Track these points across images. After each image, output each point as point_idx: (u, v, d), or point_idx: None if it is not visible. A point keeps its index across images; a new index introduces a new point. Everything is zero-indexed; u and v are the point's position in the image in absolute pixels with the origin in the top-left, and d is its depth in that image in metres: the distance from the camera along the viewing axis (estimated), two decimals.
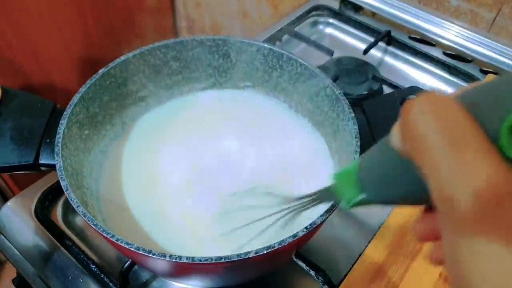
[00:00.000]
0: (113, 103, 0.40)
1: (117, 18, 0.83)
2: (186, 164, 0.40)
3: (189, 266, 0.28)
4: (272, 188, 0.33)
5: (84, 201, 0.33)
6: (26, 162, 0.33)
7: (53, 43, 0.74)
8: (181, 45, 0.41)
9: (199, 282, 0.37)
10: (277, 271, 0.39)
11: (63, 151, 0.32)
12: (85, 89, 0.36)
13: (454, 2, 0.58)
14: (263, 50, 0.41)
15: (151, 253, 0.26)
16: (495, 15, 0.55)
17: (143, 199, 0.37)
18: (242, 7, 0.85)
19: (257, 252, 0.26)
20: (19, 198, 0.44)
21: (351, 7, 0.68)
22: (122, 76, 0.39)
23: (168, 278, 0.39)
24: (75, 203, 0.29)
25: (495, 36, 0.57)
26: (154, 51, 0.40)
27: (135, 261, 0.36)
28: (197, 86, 0.45)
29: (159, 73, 0.42)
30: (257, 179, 0.39)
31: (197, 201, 0.37)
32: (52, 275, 0.39)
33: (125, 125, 0.43)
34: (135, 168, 0.40)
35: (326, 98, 0.38)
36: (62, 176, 0.30)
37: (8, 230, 0.43)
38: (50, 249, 0.40)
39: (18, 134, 0.34)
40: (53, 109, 0.36)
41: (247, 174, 0.39)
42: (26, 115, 0.35)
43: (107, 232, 0.27)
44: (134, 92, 0.42)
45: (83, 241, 0.41)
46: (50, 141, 0.34)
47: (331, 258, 0.40)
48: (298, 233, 0.27)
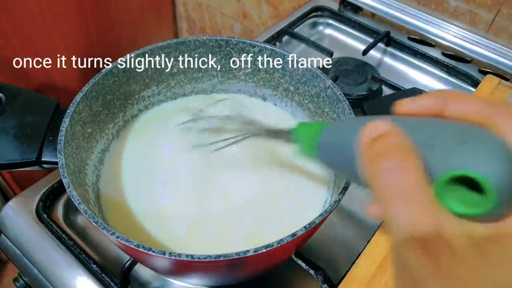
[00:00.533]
0: (116, 102, 0.40)
1: (117, 19, 0.84)
2: (186, 163, 0.40)
3: (189, 263, 0.28)
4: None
5: (85, 199, 0.33)
6: (29, 159, 0.33)
7: (54, 43, 0.74)
8: (184, 45, 0.41)
9: (199, 281, 0.37)
10: (276, 270, 0.39)
11: (66, 149, 0.32)
12: (88, 87, 0.36)
13: (453, 2, 0.59)
14: (265, 51, 0.41)
15: (151, 251, 0.26)
16: (494, 15, 0.56)
17: (143, 197, 0.37)
18: (242, 8, 0.85)
19: (256, 251, 0.26)
20: (21, 198, 0.44)
21: (350, 8, 0.68)
22: (125, 75, 0.40)
23: (168, 276, 0.39)
24: (76, 201, 0.29)
25: (494, 36, 0.57)
26: (157, 51, 0.40)
27: (135, 258, 0.36)
28: (199, 86, 0.45)
29: (161, 73, 0.42)
30: (256, 179, 0.39)
31: (197, 199, 0.37)
32: (53, 274, 0.40)
33: (127, 123, 0.43)
34: (135, 167, 0.40)
35: (327, 98, 0.38)
36: (64, 174, 0.30)
37: (9, 230, 0.43)
38: (51, 249, 0.40)
39: (21, 131, 0.34)
40: (56, 107, 0.36)
41: (247, 171, 0.39)
42: (29, 113, 0.36)
43: (108, 230, 0.28)
44: (137, 91, 0.42)
45: (84, 240, 0.42)
46: (53, 138, 0.34)
47: (331, 257, 0.40)
48: (297, 232, 0.27)
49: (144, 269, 0.40)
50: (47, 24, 0.72)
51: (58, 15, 0.73)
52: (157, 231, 0.35)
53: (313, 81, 0.39)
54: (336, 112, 0.37)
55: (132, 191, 0.38)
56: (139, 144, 0.42)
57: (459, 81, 0.57)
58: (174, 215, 0.36)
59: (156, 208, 0.37)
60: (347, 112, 0.35)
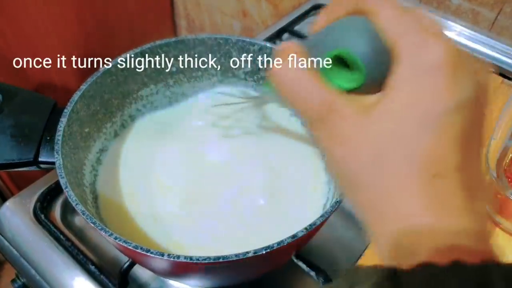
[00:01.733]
0: (114, 101, 0.40)
1: (116, 17, 0.83)
2: (184, 164, 0.40)
3: (187, 265, 0.27)
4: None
5: (83, 199, 0.33)
6: (26, 159, 0.33)
7: (52, 42, 0.74)
8: (183, 43, 0.40)
9: (198, 282, 0.37)
10: (277, 271, 0.38)
11: (63, 149, 0.32)
12: (86, 86, 0.36)
13: (455, 1, 0.58)
14: (265, 49, 0.41)
15: (149, 252, 0.26)
16: (496, 14, 0.56)
17: (141, 198, 0.37)
18: (242, 6, 0.85)
19: (255, 252, 0.26)
20: (18, 199, 0.44)
21: None
22: (123, 74, 0.39)
23: (167, 277, 0.39)
24: (74, 201, 0.29)
25: (497, 35, 0.57)
26: (156, 50, 0.40)
27: (134, 259, 0.36)
28: (199, 85, 0.45)
29: (160, 72, 0.42)
30: (255, 180, 0.38)
31: (196, 201, 0.37)
32: (51, 275, 0.39)
33: (126, 123, 0.42)
34: (133, 167, 0.39)
35: None
36: (61, 174, 0.30)
37: (6, 231, 0.42)
38: (49, 250, 0.40)
39: (18, 131, 0.34)
40: (54, 107, 0.36)
41: (245, 175, 0.39)
42: (27, 113, 0.35)
43: (106, 231, 0.27)
44: (135, 90, 0.42)
45: (82, 241, 0.41)
46: (50, 138, 0.34)
47: (332, 259, 0.40)
48: (297, 234, 0.27)
49: (143, 270, 0.39)
50: (45, 23, 0.72)
51: (57, 14, 0.72)
52: (155, 232, 0.35)
53: None
54: None
55: (130, 192, 0.38)
56: (137, 144, 0.41)
57: None
58: (172, 216, 0.36)
59: (154, 208, 0.36)
60: None
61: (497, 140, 0.35)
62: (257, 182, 0.38)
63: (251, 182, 0.38)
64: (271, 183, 0.38)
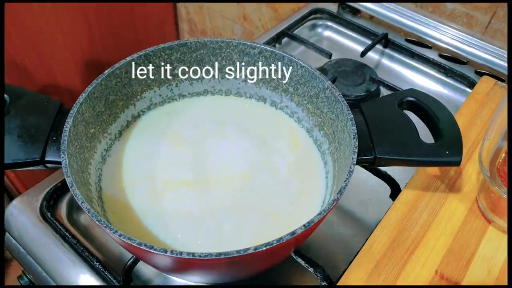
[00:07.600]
0: (118, 102, 0.41)
1: (120, 22, 0.84)
2: (187, 162, 0.40)
3: (190, 261, 0.28)
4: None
5: (88, 198, 0.34)
6: (33, 159, 0.34)
7: (57, 46, 0.75)
8: (185, 46, 0.41)
9: (200, 278, 0.38)
10: (276, 267, 0.39)
11: (69, 149, 0.32)
12: (91, 88, 0.37)
13: (450, 5, 0.59)
14: (265, 52, 0.42)
15: (153, 249, 0.27)
16: (490, 18, 0.57)
17: (145, 196, 0.38)
18: (242, 10, 0.86)
19: (256, 249, 0.27)
20: (25, 197, 0.45)
21: (349, 11, 0.69)
22: (127, 76, 0.40)
23: (170, 274, 0.39)
24: (79, 199, 0.29)
25: (490, 38, 0.58)
26: (159, 53, 0.41)
27: (137, 256, 0.37)
28: (200, 87, 0.46)
29: (163, 74, 0.43)
30: (257, 179, 0.39)
31: (198, 198, 0.38)
32: (57, 272, 0.40)
33: (130, 124, 0.43)
34: (137, 166, 0.40)
35: (325, 99, 0.39)
36: (67, 173, 0.31)
37: (14, 228, 0.43)
38: (55, 247, 0.41)
39: (25, 131, 0.35)
40: (60, 108, 0.37)
41: (247, 172, 0.40)
42: (33, 114, 0.36)
43: (111, 228, 0.28)
44: (139, 92, 0.42)
45: (87, 239, 0.42)
46: (56, 138, 0.35)
47: (330, 255, 0.41)
48: (296, 231, 0.28)
49: (146, 266, 0.40)
50: (51, 27, 0.72)
51: (63, 18, 0.73)
52: (159, 229, 0.36)
53: (312, 82, 0.40)
54: (334, 113, 0.38)
55: (134, 190, 0.38)
56: (141, 144, 0.42)
57: (455, 82, 0.58)
58: (176, 214, 0.37)
59: (157, 206, 0.37)
60: (345, 112, 0.36)
61: (491, 140, 0.36)
62: (259, 180, 0.39)
63: (253, 180, 0.39)
64: (272, 181, 0.39)
